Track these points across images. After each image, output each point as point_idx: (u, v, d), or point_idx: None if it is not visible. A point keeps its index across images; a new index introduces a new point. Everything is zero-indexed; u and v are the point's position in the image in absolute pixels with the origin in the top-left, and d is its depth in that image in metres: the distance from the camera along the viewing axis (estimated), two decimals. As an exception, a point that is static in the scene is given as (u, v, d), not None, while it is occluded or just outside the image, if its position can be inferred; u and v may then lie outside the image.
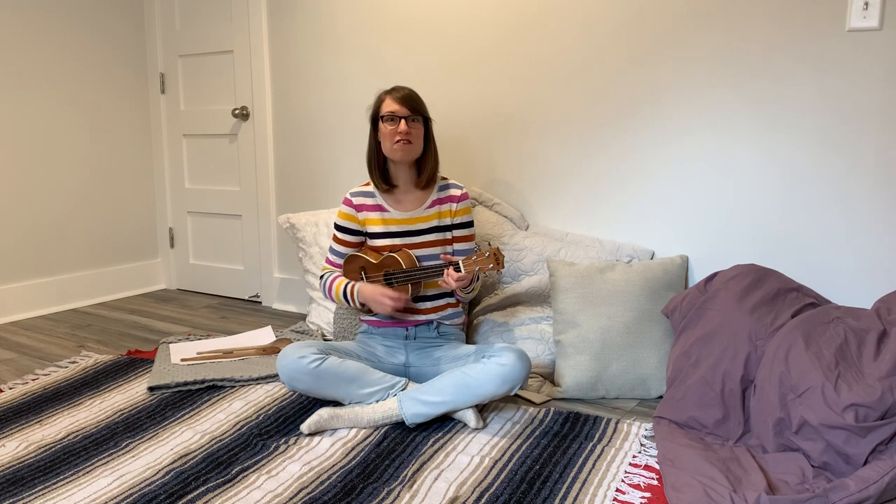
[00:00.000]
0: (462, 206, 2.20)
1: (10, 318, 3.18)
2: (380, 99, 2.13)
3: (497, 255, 1.95)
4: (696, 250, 2.37)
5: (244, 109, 3.35)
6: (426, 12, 2.78)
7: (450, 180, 2.23)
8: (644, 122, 2.40)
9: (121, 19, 3.53)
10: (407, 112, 2.08)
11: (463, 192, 2.21)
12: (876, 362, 1.72)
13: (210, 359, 2.49)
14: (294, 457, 1.78)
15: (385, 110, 2.09)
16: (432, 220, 2.17)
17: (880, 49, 2.01)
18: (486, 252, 1.95)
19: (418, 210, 2.16)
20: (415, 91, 2.14)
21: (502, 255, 1.96)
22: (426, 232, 2.15)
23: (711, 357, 1.92)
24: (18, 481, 1.66)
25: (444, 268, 2.01)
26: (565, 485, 1.63)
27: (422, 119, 2.12)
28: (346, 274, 2.19)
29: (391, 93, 2.11)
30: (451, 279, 1.98)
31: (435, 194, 2.19)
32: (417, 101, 2.11)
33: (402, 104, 2.08)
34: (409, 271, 2.06)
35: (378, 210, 2.17)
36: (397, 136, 2.06)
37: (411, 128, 2.08)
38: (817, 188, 2.15)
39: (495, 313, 2.46)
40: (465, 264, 1.97)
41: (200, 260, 3.70)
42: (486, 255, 1.95)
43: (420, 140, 2.12)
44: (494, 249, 1.95)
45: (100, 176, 3.51)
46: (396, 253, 2.10)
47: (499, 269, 1.95)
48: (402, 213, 2.16)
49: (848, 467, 1.60)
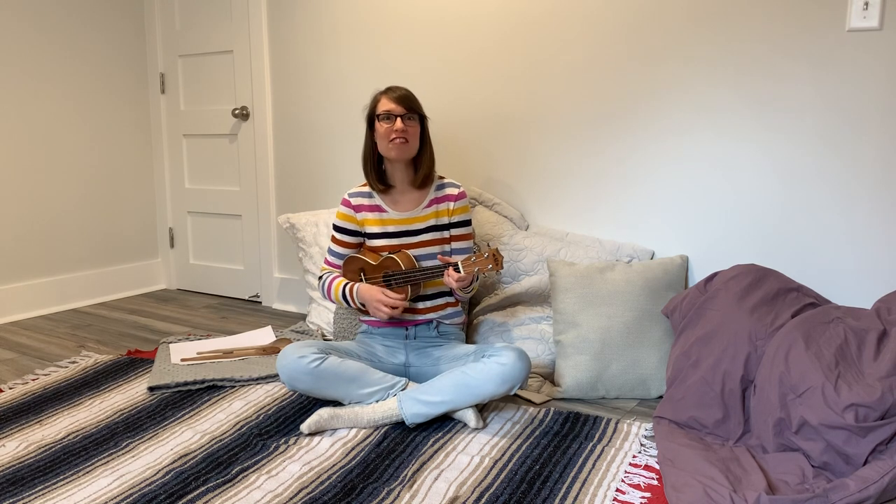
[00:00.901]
0: (459, 205, 2.19)
1: (10, 318, 3.18)
2: (375, 99, 2.13)
3: (496, 256, 1.95)
4: (696, 250, 2.37)
5: (244, 109, 3.35)
6: (426, 12, 2.78)
7: (446, 179, 2.23)
8: (644, 121, 2.40)
9: (121, 19, 3.53)
10: (403, 110, 2.08)
11: (460, 190, 2.20)
12: (876, 362, 1.72)
13: (210, 359, 2.49)
14: (294, 457, 1.78)
15: (381, 109, 2.09)
16: (429, 219, 2.16)
17: (880, 49, 2.01)
18: (486, 253, 1.95)
19: (416, 210, 2.16)
20: (410, 91, 2.14)
21: (501, 256, 1.96)
22: (424, 231, 2.15)
23: (711, 357, 1.92)
24: (18, 481, 1.66)
25: (443, 269, 2.01)
26: (565, 485, 1.63)
27: (418, 118, 2.12)
28: (345, 274, 2.19)
29: (387, 92, 2.11)
30: (451, 280, 1.98)
31: (432, 194, 2.19)
32: (413, 100, 2.11)
33: (398, 103, 2.08)
34: (408, 272, 2.06)
35: (376, 210, 2.17)
36: (393, 133, 2.06)
37: (407, 126, 2.08)
38: (817, 188, 2.15)
39: (495, 313, 2.46)
40: (465, 265, 1.97)
41: (200, 260, 3.70)
42: (486, 256, 1.95)
43: (416, 139, 2.12)
44: (493, 250, 1.95)
45: (100, 176, 3.51)
46: (395, 254, 2.10)
47: (498, 269, 1.96)
48: (400, 214, 2.16)
49: (848, 467, 1.60)
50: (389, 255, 2.10)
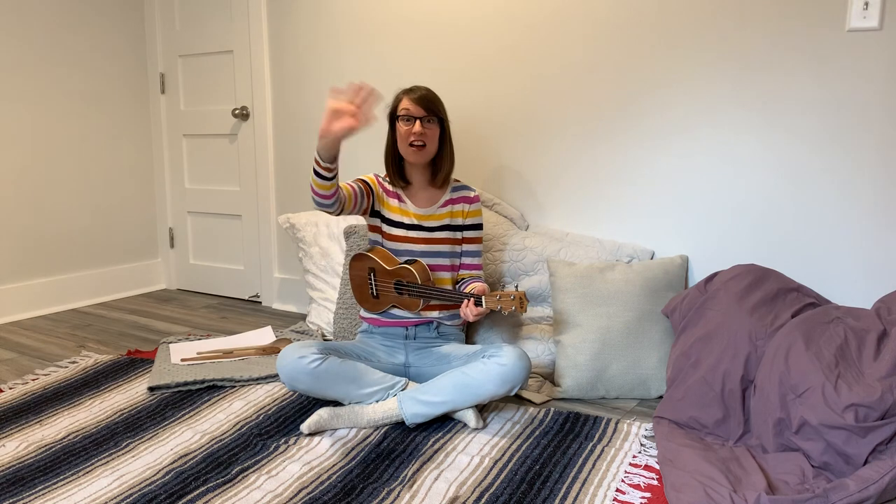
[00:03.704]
0: (474, 208, 2.23)
1: (10, 318, 3.18)
2: (397, 98, 2.13)
3: (522, 300, 1.93)
4: (696, 250, 2.37)
5: (244, 109, 3.35)
6: (426, 13, 2.78)
7: (462, 182, 2.26)
8: (644, 122, 2.40)
9: (121, 19, 3.53)
10: (422, 113, 2.08)
11: (475, 195, 2.24)
12: (876, 362, 1.72)
13: (210, 359, 2.49)
14: (294, 457, 1.78)
15: (401, 109, 2.10)
16: (444, 218, 2.18)
17: (880, 49, 2.01)
18: (512, 295, 1.93)
19: (431, 208, 2.18)
20: (433, 91, 2.13)
21: (527, 301, 1.95)
22: (437, 230, 2.16)
23: (711, 357, 1.92)
24: (18, 481, 1.66)
25: (462, 297, 1.99)
26: (565, 485, 1.63)
27: (437, 120, 2.11)
28: (353, 273, 2.18)
29: (409, 92, 2.11)
30: (469, 312, 1.97)
31: (448, 195, 2.21)
32: (434, 101, 2.11)
33: (419, 104, 2.08)
34: (423, 288, 2.03)
35: (397, 198, 2.18)
36: (411, 137, 2.07)
37: (426, 129, 2.08)
38: (817, 188, 2.15)
39: (495, 313, 2.46)
40: (488, 301, 1.95)
41: (200, 260, 3.70)
42: (511, 298, 1.93)
43: (435, 141, 2.12)
44: (522, 294, 1.92)
45: (100, 176, 3.51)
46: (411, 265, 2.08)
47: (521, 312, 1.94)
48: (417, 209, 2.17)
49: (848, 467, 1.60)
50: (405, 266, 2.07)
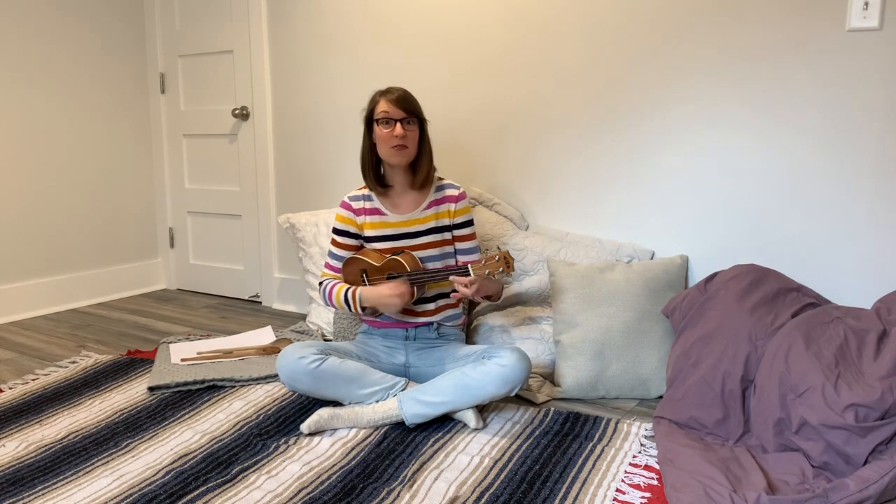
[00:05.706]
0: (461, 206, 2.18)
1: (10, 318, 3.18)
2: (374, 100, 2.11)
3: (507, 259, 1.93)
4: (696, 250, 2.37)
5: (244, 109, 3.35)
6: (426, 13, 2.78)
7: (445, 180, 2.22)
8: (644, 122, 2.40)
9: (121, 19, 3.53)
10: (402, 114, 2.05)
11: (460, 191, 2.19)
12: (876, 362, 1.72)
13: (210, 359, 2.49)
14: (294, 457, 1.78)
15: (379, 112, 2.07)
16: (430, 221, 2.15)
17: (880, 49, 2.01)
18: (496, 256, 1.94)
19: (415, 212, 2.15)
20: (409, 92, 2.11)
21: (512, 258, 1.94)
22: (425, 234, 2.15)
23: (711, 357, 1.92)
24: (18, 481, 1.66)
25: (450, 272, 2.00)
26: (565, 485, 1.63)
27: (417, 121, 2.10)
28: (346, 276, 2.17)
29: (385, 94, 2.08)
30: (461, 286, 1.97)
31: (432, 195, 2.18)
32: (412, 102, 2.08)
33: (397, 106, 2.05)
34: (412, 274, 2.05)
35: (376, 214, 2.16)
36: (393, 139, 2.05)
37: (407, 131, 2.06)
38: (817, 188, 2.15)
39: (495, 313, 2.46)
40: (475, 268, 1.96)
41: (200, 260, 3.70)
42: (496, 259, 1.94)
43: (415, 143, 2.10)
44: (504, 253, 1.93)
45: (100, 176, 3.51)
46: (399, 255, 2.08)
47: (509, 272, 1.94)
48: (400, 216, 2.15)
49: (848, 467, 1.60)
50: (393, 257, 2.09)
